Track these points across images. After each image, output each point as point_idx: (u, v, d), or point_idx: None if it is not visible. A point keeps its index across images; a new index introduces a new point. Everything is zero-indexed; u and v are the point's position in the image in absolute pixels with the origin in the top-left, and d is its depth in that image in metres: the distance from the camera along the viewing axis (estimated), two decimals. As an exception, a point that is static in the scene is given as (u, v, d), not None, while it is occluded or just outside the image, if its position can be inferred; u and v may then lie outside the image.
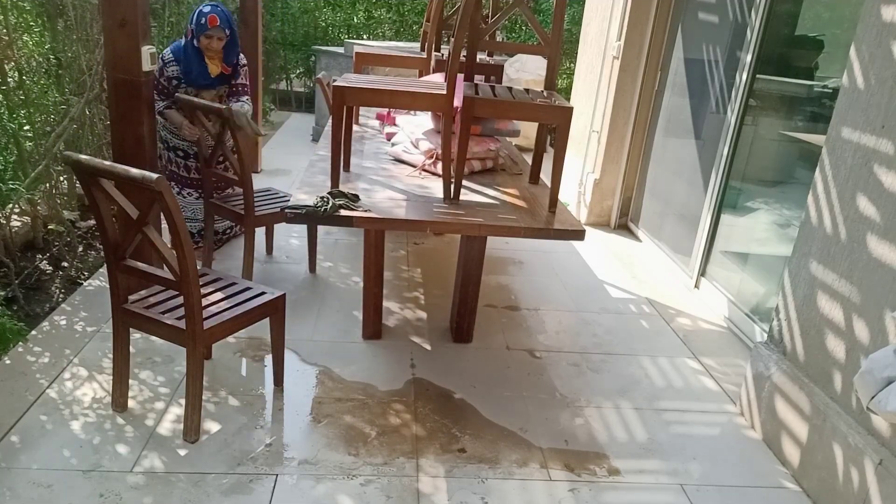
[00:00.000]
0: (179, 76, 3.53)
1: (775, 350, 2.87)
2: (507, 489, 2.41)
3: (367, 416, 2.74)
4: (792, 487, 2.58)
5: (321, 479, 2.37)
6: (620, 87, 5.01)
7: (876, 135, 2.36)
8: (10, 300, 3.36)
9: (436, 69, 4.19)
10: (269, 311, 2.69)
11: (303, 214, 2.72)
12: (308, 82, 9.34)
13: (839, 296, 2.50)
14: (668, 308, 4.01)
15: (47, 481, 2.25)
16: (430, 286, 4.02)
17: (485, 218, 2.86)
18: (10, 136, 3.66)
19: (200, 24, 3.37)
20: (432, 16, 4.24)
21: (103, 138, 4.48)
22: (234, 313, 2.54)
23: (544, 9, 8.69)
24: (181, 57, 3.49)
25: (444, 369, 3.13)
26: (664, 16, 4.79)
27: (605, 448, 2.68)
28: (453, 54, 2.82)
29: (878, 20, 2.40)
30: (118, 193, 2.35)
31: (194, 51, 3.45)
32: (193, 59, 3.47)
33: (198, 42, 3.43)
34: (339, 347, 3.24)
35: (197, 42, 3.43)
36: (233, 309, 2.56)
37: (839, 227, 2.53)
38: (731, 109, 3.89)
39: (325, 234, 4.62)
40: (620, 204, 5.33)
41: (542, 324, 3.68)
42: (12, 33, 3.87)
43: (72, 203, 4.49)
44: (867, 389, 1.97)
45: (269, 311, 2.69)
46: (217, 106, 3.36)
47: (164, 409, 2.67)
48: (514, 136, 3.55)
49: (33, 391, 2.71)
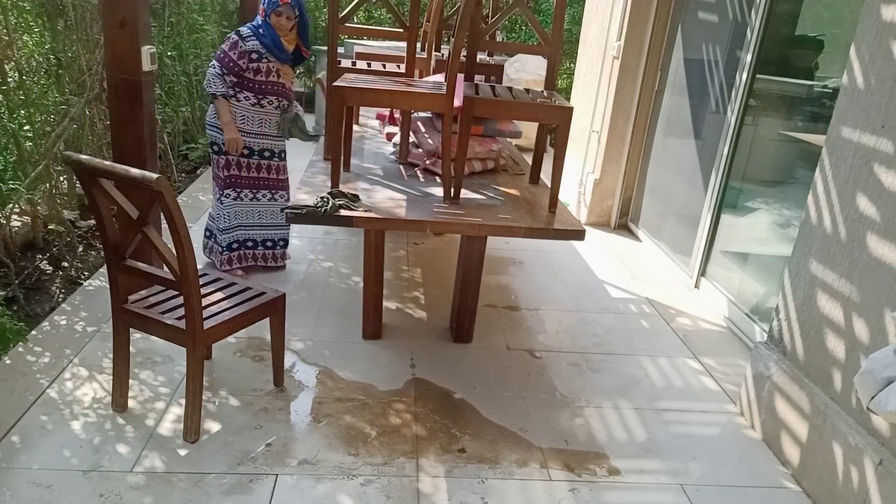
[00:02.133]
0: (259, 49, 3.53)
1: (775, 350, 2.87)
2: (507, 489, 2.41)
3: (367, 416, 2.74)
4: (792, 487, 2.58)
5: (321, 479, 2.37)
6: (620, 87, 5.01)
7: (876, 135, 2.36)
8: (10, 300, 3.36)
9: (436, 69, 4.19)
10: (268, 311, 2.69)
11: (303, 214, 2.72)
12: (308, 82, 9.34)
13: (839, 296, 2.50)
14: (668, 308, 4.01)
15: (47, 481, 2.25)
16: (430, 286, 4.02)
17: (485, 218, 2.86)
18: (10, 136, 3.66)
19: (272, 1, 3.49)
20: (432, 16, 4.24)
21: (103, 138, 4.48)
22: (234, 313, 2.53)
23: (544, 9, 8.69)
24: (258, 32, 3.53)
25: (444, 369, 3.13)
26: (664, 16, 4.79)
27: (604, 448, 2.68)
28: (453, 54, 2.82)
29: (878, 20, 2.40)
30: (118, 193, 2.35)
31: (268, 28, 3.53)
32: (270, 35, 3.53)
33: (269, 19, 3.52)
34: (339, 347, 3.24)
35: (269, 19, 3.52)
36: (233, 309, 2.56)
37: (839, 227, 2.53)
38: (731, 109, 3.89)
39: (325, 233, 4.62)
40: (620, 204, 5.33)
41: (542, 324, 3.68)
42: (12, 33, 3.88)
43: (72, 203, 4.50)
44: (867, 389, 1.96)
45: (268, 311, 2.69)
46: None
47: (164, 409, 2.67)
48: (516, 137, 3.56)
49: (33, 391, 2.71)
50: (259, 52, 3.53)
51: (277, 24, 3.51)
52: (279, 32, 3.54)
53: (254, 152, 3.70)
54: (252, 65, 3.55)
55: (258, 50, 3.53)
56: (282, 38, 3.56)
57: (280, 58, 3.61)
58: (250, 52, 3.52)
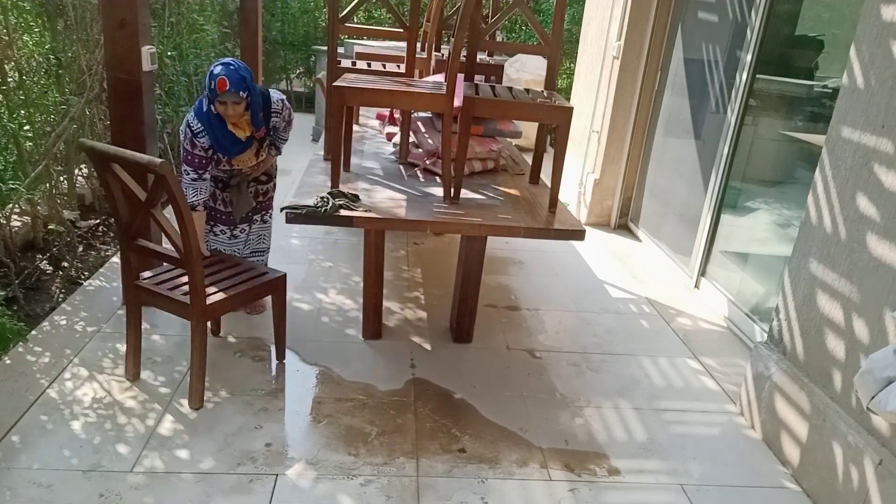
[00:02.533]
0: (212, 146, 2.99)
1: (775, 350, 2.87)
2: (507, 489, 2.41)
3: (367, 416, 2.74)
4: (792, 487, 2.58)
5: (321, 479, 2.37)
6: (620, 87, 5.01)
7: (876, 135, 2.36)
8: (10, 300, 3.36)
9: (436, 69, 4.19)
10: (270, 289, 2.88)
11: (303, 214, 2.72)
12: (308, 82, 9.35)
13: (839, 296, 2.50)
14: (668, 308, 4.01)
15: (47, 481, 2.25)
16: (430, 286, 4.02)
17: (485, 218, 2.86)
18: (10, 136, 3.66)
19: (211, 88, 2.84)
20: (432, 16, 4.24)
21: (103, 138, 4.48)
22: (237, 290, 2.72)
23: (544, 9, 8.69)
24: (206, 125, 2.94)
25: (444, 369, 3.13)
26: (664, 16, 4.79)
27: (604, 448, 2.68)
28: (453, 54, 2.82)
29: (878, 20, 2.40)
30: (129, 177, 2.52)
31: (215, 117, 2.93)
32: (217, 127, 2.94)
33: (214, 108, 2.91)
34: (339, 347, 3.24)
35: (214, 108, 2.91)
36: (237, 286, 2.75)
37: (839, 227, 2.53)
38: (731, 109, 3.89)
39: (324, 233, 4.62)
40: (620, 204, 5.33)
41: (542, 324, 3.68)
42: (12, 33, 3.88)
43: (72, 203, 4.50)
44: (867, 389, 1.96)
45: (270, 289, 2.88)
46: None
47: (164, 408, 2.67)
48: (516, 137, 3.56)
49: (33, 391, 2.71)
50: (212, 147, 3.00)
51: (224, 112, 2.88)
52: (229, 121, 2.94)
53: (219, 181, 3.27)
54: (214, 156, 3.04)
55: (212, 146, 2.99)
56: (233, 127, 2.96)
57: (232, 152, 3.04)
58: (207, 149, 2.98)
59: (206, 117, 2.94)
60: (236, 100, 2.83)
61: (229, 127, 2.95)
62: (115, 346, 3.06)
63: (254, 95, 2.90)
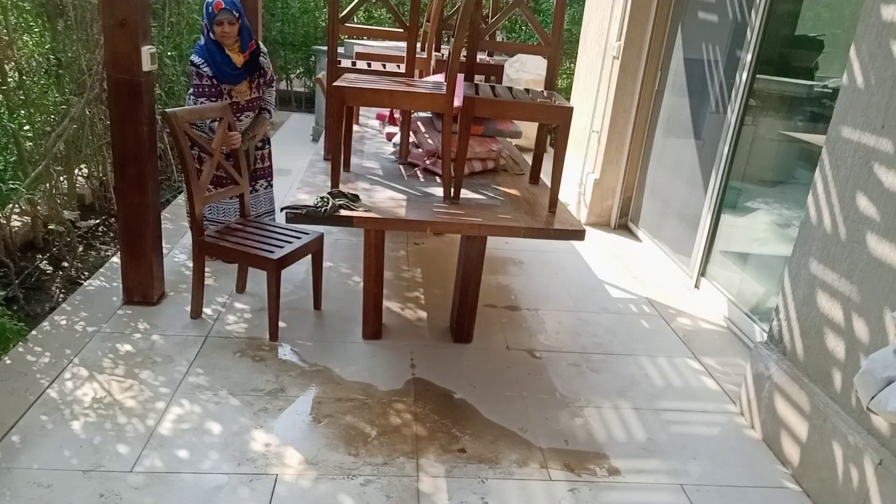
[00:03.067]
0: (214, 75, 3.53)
1: (775, 350, 2.87)
2: (507, 489, 2.41)
3: (367, 416, 2.74)
4: (792, 487, 2.58)
5: (321, 479, 2.37)
6: (620, 87, 5.01)
7: (876, 135, 2.36)
8: (10, 300, 3.36)
9: (436, 69, 4.19)
10: (317, 245, 3.46)
11: (303, 214, 2.72)
12: (308, 82, 9.35)
13: (839, 296, 2.50)
14: (668, 308, 4.01)
15: (47, 481, 2.25)
16: (430, 286, 4.02)
17: (485, 218, 2.86)
18: (10, 136, 3.66)
19: (209, 12, 3.41)
20: (432, 16, 4.24)
21: (103, 138, 4.48)
22: (294, 247, 3.25)
23: (544, 9, 8.69)
24: (206, 57, 3.50)
25: (444, 369, 3.13)
26: (664, 16, 4.79)
27: (604, 448, 2.69)
28: (453, 54, 2.82)
29: (878, 20, 2.40)
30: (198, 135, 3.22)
31: (215, 46, 3.48)
32: (217, 54, 3.49)
33: (213, 34, 3.46)
34: (339, 347, 3.24)
35: (213, 34, 3.46)
36: (293, 242, 3.29)
37: (839, 227, 2.53)
38: (731, 109, 3.89)
39: (324, 233, 4.61)
40: (620, 204, 5.33)
41: (542, 324, 3.68)
42: (12, 33, 3.88)
43: (72, 203, 4.50)
44: (867, 389, 1.96)
45: (317, 245, 3.46)
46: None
47: (164, 408, 2.67)
48: (516, 137, 3.56)
49: (33, 391, 2.71)
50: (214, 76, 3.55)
51: (222, 34, 3.45)
52: (226, 43, 3.49)
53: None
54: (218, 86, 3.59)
55: (214, 75, 3.54)
56: (230, 52, 3.52)
57: (231, 79, 3.58)
58: (211, 77, 3.54)
59: (205, 50, 3.51)
60: (231, 19, 3.43)
61: (226, 51, 3.51)
62: (115, 346, 3.06)
63: (244, 21, 3.53)
